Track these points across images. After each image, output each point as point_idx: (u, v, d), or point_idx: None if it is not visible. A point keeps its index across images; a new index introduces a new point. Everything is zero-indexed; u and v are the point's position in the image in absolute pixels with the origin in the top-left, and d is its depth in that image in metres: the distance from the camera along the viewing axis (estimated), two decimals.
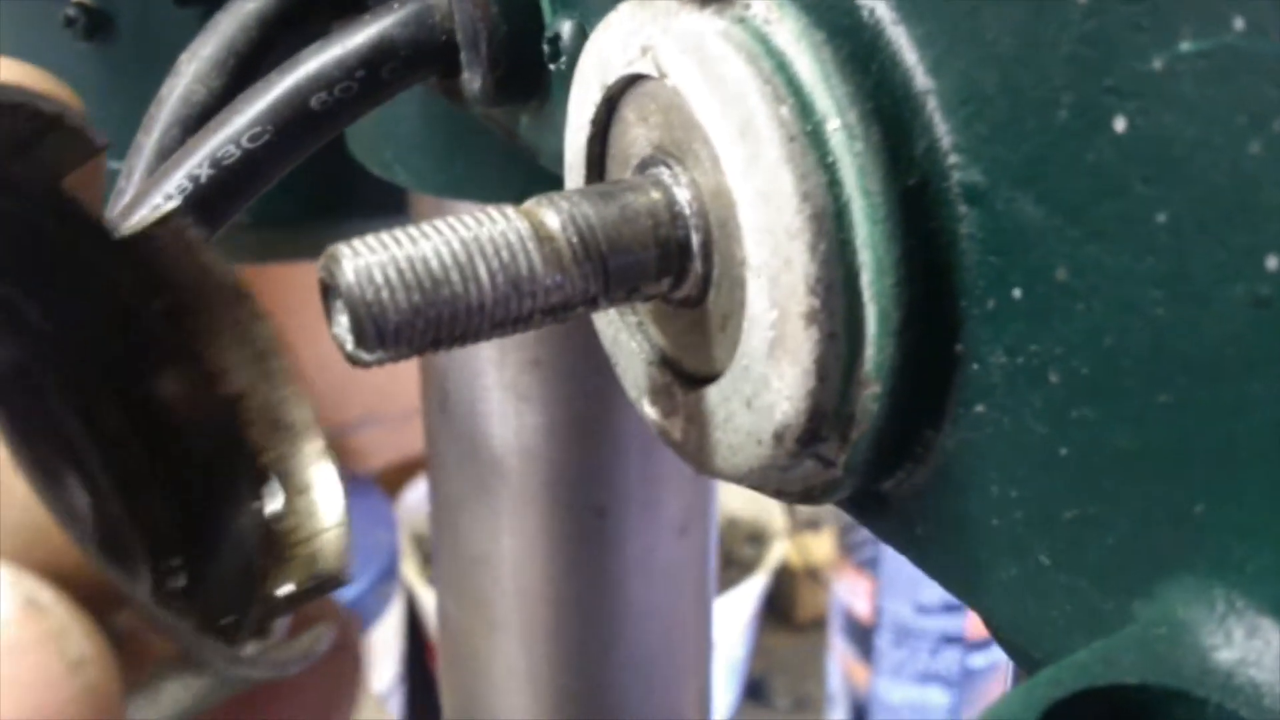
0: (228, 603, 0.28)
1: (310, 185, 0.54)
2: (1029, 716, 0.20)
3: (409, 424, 1.41)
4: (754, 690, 1.77)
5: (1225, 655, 0.21)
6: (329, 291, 0.25)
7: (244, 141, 0.32)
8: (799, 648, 1.82)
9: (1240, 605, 0.21)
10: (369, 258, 0.24)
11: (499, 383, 0.53)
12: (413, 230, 0.25)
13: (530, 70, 0.33)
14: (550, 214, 0.26)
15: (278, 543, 0.29)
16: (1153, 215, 0.21)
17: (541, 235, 0.26)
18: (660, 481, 0.55)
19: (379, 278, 0.24)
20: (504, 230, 0.25)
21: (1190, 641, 0.21)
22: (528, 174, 0.38)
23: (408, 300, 0.24)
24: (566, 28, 0.32)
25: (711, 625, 0.63)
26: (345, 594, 1.21)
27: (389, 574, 1.50)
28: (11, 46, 0.59)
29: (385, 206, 0.54)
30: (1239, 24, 0.19)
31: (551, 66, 0.32)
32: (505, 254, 0.25)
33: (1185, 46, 0.20)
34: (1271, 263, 0.19)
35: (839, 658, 1.57)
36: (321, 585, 0.28)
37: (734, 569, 1.70)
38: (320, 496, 0.29)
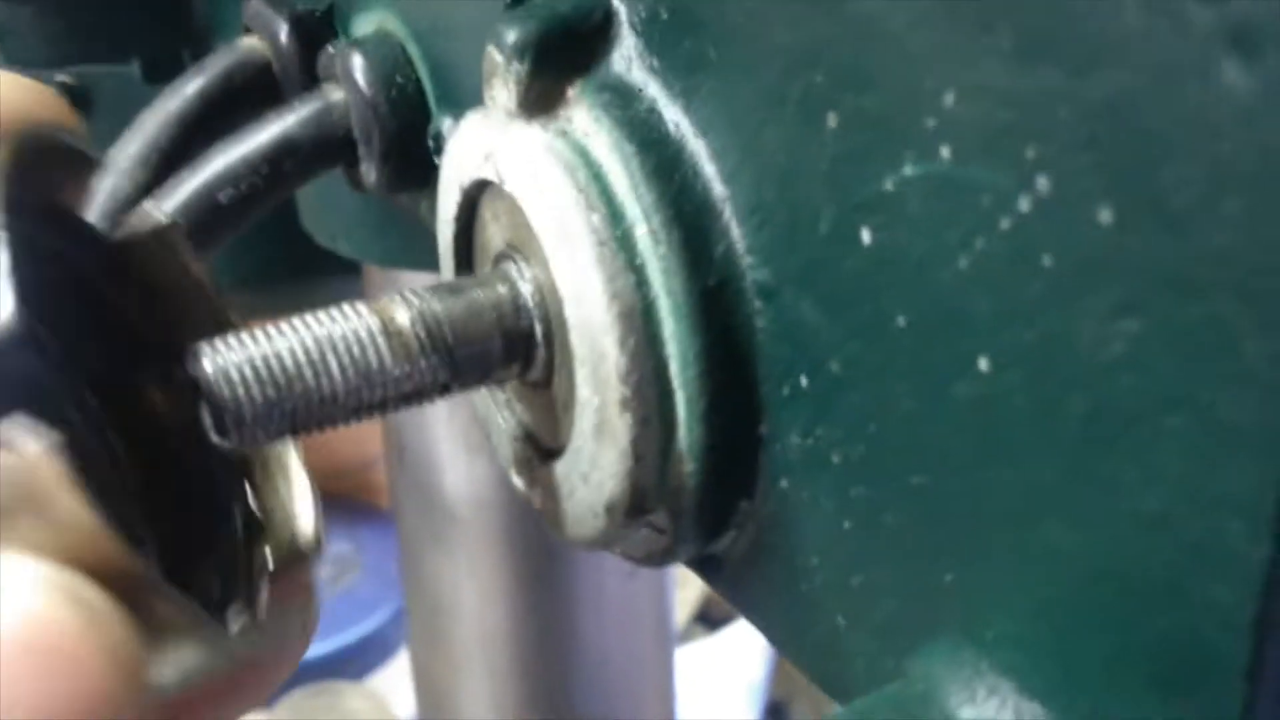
0: (216, 581, 0.31)
1: (276, 250, 0.57)
2: None
3: None
4: (775, 713, 1.78)
5: (968, 713, 0.23)
6: (194, 385, 0.27)
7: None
8: None
9: (984, 667, 0.23)
10: (226, 356, 0.27)
11: (449, 435, 0.55)
12: (270, 329, 0.28)
13: (420, 162, 0.36)
14: (400, 310, 0.28)
15: (256, 526, 0.31)
16: (894, 319, 0.23)
17: (390, 330, 0.28)
18: None
19: (235, 376, 0.27)
20: (355, 327, 0.28)
21: (940, 699, 0.23)
22: None
23: (262, 395, 0.27)
24: (448, 124, 0.34)
25: (672, 661, 0.65)
26: (365, 627, 1.22)
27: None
28: None
29: (343, 269, 0.57)
30: (945, 152, 0.21)
31: (437, 160, 0.35)
32: (356, 349, 0.28)
33: (909, 170, 0.22)
34: (983, 365, 0.22)
35: None
36: (299, 555, 0.31)
37: None
38: (292, 480, 0.31)
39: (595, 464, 0.28)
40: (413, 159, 0.36)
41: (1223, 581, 0.19)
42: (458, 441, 0.55)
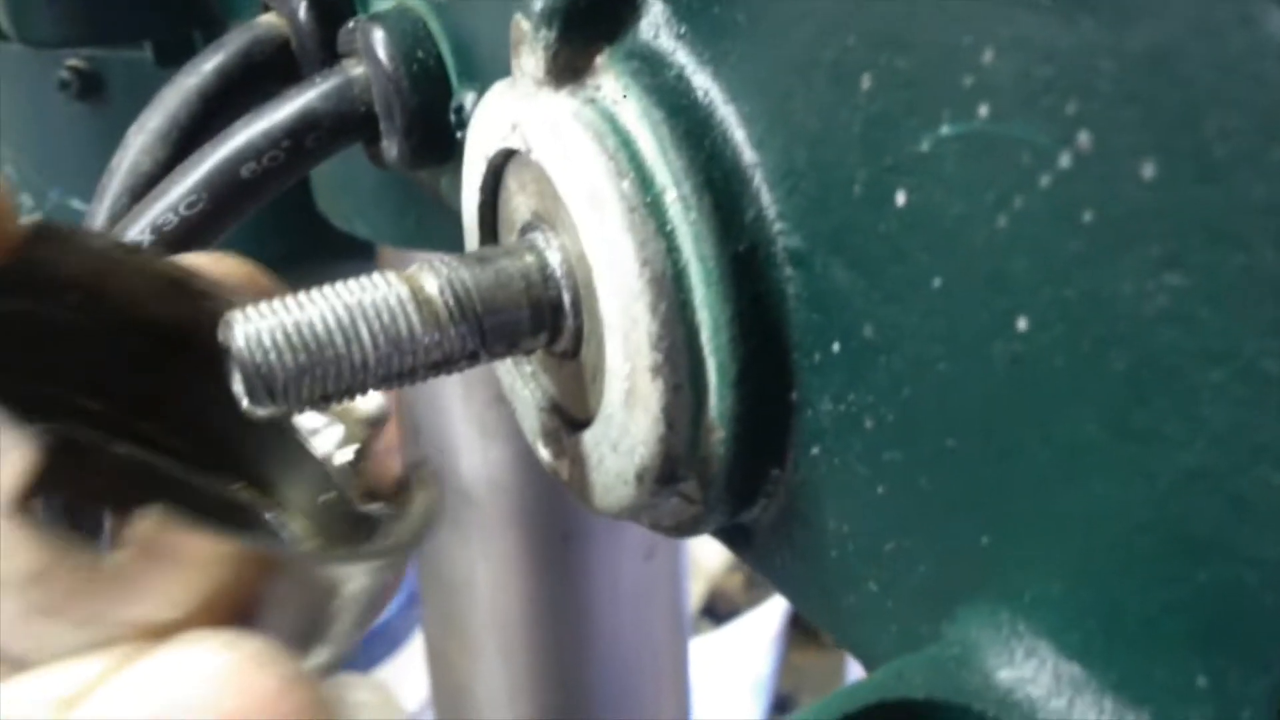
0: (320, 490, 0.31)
1: (290, 233, 0.57)
2: None
3: None
4: (782, 707, 1.78)
5: (1005, 674, 0.23)
6: (227, 353, 0.27)
7: (181, 209, 0.35)
8: (827, 664, 1.82)
9: (1021, 629, 0.23)
10: (258, 323, 0.27)
11: (465, 418, 0.55)
12: (301, 296, 0.28)
13: (442, 137, 0.36)
14: (429, 278, 0.28)
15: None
16: (930, 280, 0.23)
17: (420, 299, 0.28)
18: None
19: (267, 341, 0.27)
20: (385, 295, 0.28)
21: (977, 661, 0.23)
22: None
23: (294, 361, 0.27)
24: (470, 98, 0.34)
25: (687, 644, 0.65)
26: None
27: (416, 598, 1.53)
28: (10, 108, 0.63)
29: (358, 251, 0.57)
30: (984, 110, 0.21)
31: (459, 134, 0.35)
32: (386, 316, 0.28)
33: (945, 130, 0.22)
34: (1021, 324, 0.21)
35: (859, 673, 1.58)
36: (375, 424, 0.31)
37: (759, 586, 1.71)
38: None
39: (626, 432, 0.28)
40: (434, 134, 0.36)
41: (1266, 534, 0.19)
42: (473, 424, 0.55)
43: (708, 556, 1.55)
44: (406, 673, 1.45)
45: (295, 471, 0.31)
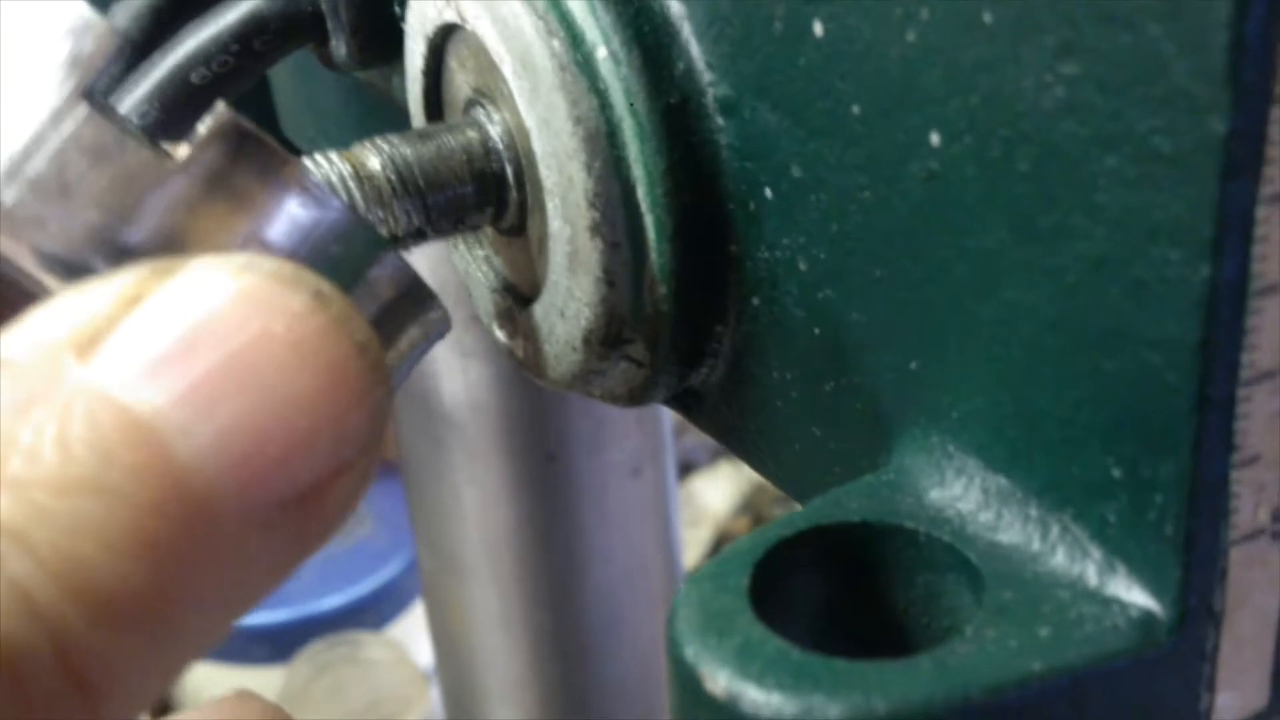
0: None
1: None
2: (758, 552, 0.23)
3: None
4: None
5: (936, 494, 0.24)
6: None
7: (134, 120, 0.36)
8: None
9: (951, 449, 0.24)
10: None
11: (443, 340, 0.56)
12: None
13: (389, 33, 0.36)
14: (370, 156, 0.29)
15: None
16: (849, 108, 0.23)
17: (362, 175, 0.29)
18: (607, 425, 0.58)
19: None
20: (326, 173, 0.28)
21: (910, 485, 0.24)
22: None
23: None
24: None
25: (678, 563, 0.66)
26: (380, 578, 1.22)
27: None
28: None
29: None
30: None
31: (404, 27, 0.35)
32: None
33: None
34: (934, 139, 0.22)
35: None
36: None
37: None
38: None
39: (571, 296, 0.28)
40: (380, 30, 0.36)
41: (1166, 312, 0.19)
42: (452, 346, 0.56)
43: (714, 502, 1.56)
44: (417, 630, 1.46)
45: None
